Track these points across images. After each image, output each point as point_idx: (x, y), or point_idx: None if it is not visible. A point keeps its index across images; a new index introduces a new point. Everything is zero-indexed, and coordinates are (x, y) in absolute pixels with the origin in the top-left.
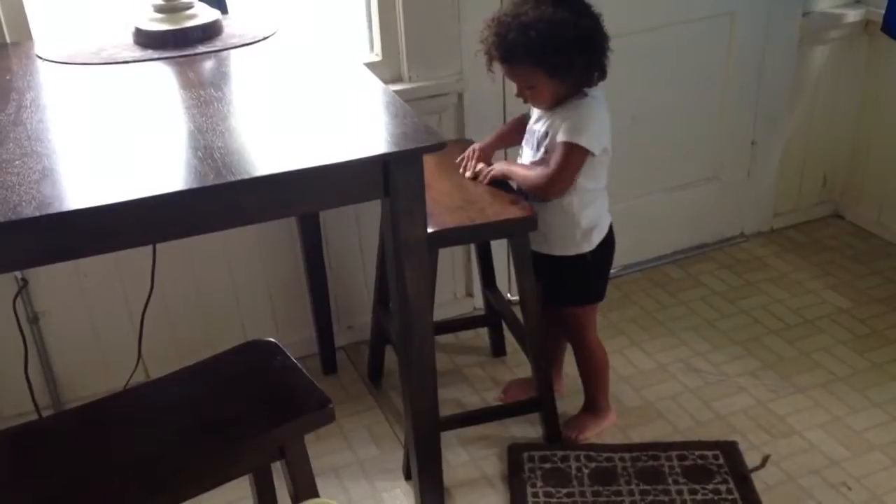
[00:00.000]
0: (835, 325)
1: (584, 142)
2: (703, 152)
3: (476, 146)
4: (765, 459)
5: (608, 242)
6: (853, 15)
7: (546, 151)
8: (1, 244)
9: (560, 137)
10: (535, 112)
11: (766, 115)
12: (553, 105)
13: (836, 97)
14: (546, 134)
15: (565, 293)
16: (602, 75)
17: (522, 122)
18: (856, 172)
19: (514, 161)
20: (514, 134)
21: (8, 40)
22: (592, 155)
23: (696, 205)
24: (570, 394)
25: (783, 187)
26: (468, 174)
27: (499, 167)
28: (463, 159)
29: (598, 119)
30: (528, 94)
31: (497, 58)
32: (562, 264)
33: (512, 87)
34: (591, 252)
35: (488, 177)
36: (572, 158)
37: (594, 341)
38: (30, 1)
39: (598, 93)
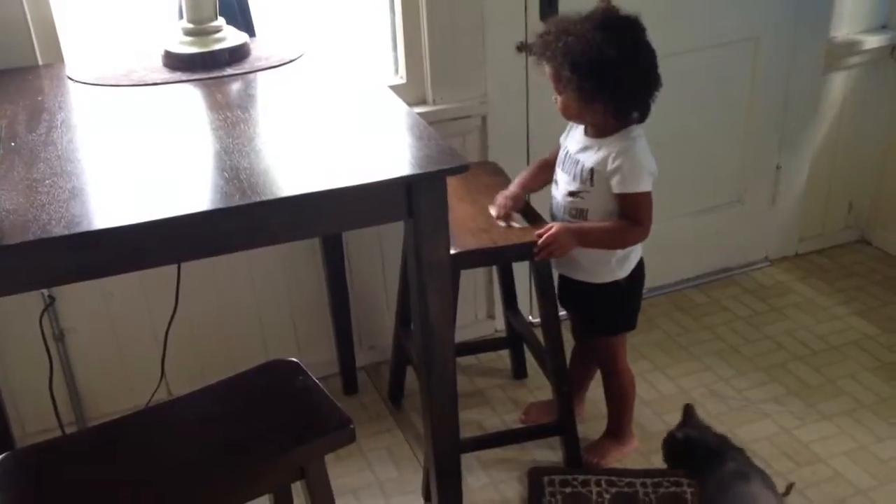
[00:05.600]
0: (861, 351)
1: (645, 186)
2: (727, 176)
3: (506, 194)
4: (789, 487)
5: (640, 269)
6: (878, 40)
7: (582, 182)
8: (30, 262)
9: (625, 189)
10: (579, 140)
11: (791, 140)
12: (594, 133)
13: (862, 122)
14: (592, 171)
15: (598, 323)
16: (642, 115)
17: (548, 163)
18: (882, 197)
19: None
20: (539, 177)
21: (40, 62)
22: None
23: (720, 229)
24: (590, 418)
25: (808, 212)
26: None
27: (563, 230)
28: (497, 206)
29: (648, 159)
30: (557, 100)
31: (537, 53)
32: (595, 292)
33: (536, 110)
34: (626, 278)
35: (560, 249)
36: (646, 204)
37: (624, 368)
38: (62, 23)
39: (640, 131)
